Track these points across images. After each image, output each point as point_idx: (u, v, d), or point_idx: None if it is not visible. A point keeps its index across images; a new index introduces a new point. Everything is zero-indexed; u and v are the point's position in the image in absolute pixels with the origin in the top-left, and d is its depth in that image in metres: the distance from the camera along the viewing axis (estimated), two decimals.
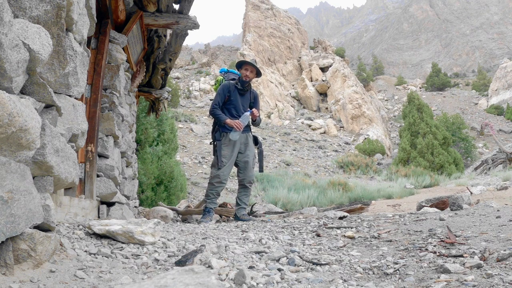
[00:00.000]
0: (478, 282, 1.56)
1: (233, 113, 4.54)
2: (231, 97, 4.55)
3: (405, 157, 19.49)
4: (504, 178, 11.61)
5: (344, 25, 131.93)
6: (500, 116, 37.34)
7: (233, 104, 4.56)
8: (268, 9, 40.79)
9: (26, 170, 1.46)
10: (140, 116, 7.43)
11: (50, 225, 1.67)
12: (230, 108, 4.56)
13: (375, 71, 58.52)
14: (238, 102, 4.58)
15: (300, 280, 1.77)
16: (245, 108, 4.64)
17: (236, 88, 4.56)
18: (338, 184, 13.04)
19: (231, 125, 4.39)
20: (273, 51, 37.09)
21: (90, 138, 3.21)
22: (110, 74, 3.75)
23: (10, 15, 1.33)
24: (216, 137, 4.50)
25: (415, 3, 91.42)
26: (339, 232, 3.00)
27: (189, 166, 14.93)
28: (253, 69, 4.56)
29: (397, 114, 37.44)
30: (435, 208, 4.40)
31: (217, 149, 4.42)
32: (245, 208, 4.57)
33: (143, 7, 4.45)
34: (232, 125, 4.38)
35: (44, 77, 1.69)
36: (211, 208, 4.49)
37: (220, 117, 4.42)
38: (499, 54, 69.90)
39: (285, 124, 29.20)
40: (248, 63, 4.58)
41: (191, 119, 23.25)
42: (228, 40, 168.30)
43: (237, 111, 4.57)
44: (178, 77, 42.22)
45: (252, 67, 4.55)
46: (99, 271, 1.64)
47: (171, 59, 6.25)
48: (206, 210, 4.49)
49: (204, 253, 1.99)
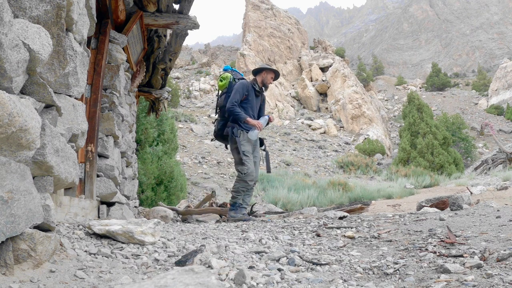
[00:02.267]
0: (478, 282, 1.56)
1: (249, 113, 4.54)
2: (249, 96, 4.58)
3: (405, 157, 19.49)
4: (504, 178, 11.60)
5: (344, 25, 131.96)
6: (500, 116, 37.33)
7: (250, 103, 4.58)
8: (268, 9, 40.78)
9: (26, 170, 1.46)
10: (140, 116, 7.43)
11: (50, 225, 1.67)
12: (246, 107, 4.55)
13: (375, 71, 58.51)
14: (254, 102, 4.64)
15: (300, 280, 1.77)
16: (257, 109, 4.72)
17: (254, 89, 4.64)
18: (338, 184, 13.03)
19: (253, 124, 4.39)
20: (273, 51, 37.08)
21: (90, 138, 3.21)
22: (110, 74, 3.75)
23: (10, 15, 1.33)
24: (234, 133, 4.42)
25: (415, 3, 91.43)
26: (339, 232, 3.00)
27: (189, 166, 14.94)
28: (274, 75, 4.73)
29: (397, 114, 37.44)
30: (435, 208, 4.40)
31: (238, 145, 4.36)
32: (245, 208, 4.58)
33: (143, 7, 4.45)
34: (254, 124, 4.39)
35: (44, 77, 1.69)
36: (240, 203, 4.47)
37: (240, 115, 4.40)
38: (499, 54, 69.90)
39: (285, 124, 29.19)
40: (272, 69, 4.73)
41: (191, 119, 23.25)
42: (228, 40, 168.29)
43: (253, 111, 4.61)
44: (178, 77, 42.22)
45: (273, 73, 4.72)
46: (99, 271, 1.64)
47: (171, 59, 6.25)
48: (237, 205, 4.43)
49: (204, 253, 1.99)
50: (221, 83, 4.78)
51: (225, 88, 4.71)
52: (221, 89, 4.78)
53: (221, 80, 4.79)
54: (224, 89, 4.73)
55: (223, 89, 4.75)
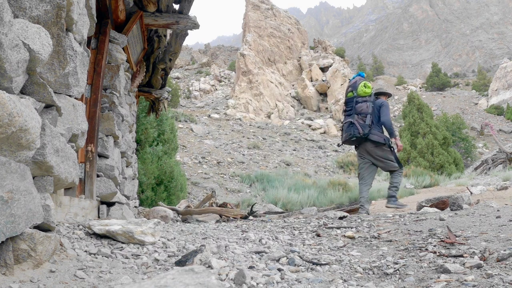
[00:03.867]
0: (478, 282, 1.56)
1: (383, 130, 5.16)
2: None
3: (405, 157, 19.47)
4: (504, 178, 11.60)
5: (344, 25, 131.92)
6: (500, 116, 37.32)
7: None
8: (268, 9, 40.78)
9: (26, 170, 1.46)
10: (140, 116, 7.43)
11: (50, 225, 1.67)
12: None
13: (375, 71, 58.48)
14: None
15: (300, 280, 1.77)
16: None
17: None
18: (338, 184, 13.03)
19: (399, 145, 5.22)
20: (273, 51, 37.08)
21: (90, 138, 3.21)
22: (110, 74, 3.75)
23: (10, 15, 1.33)
24: (386, 142, 4.95)
25: (415, 3, 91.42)
26: (339, 232, 3.00)
27: (189, 166, 14.93)
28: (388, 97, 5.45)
29: (397, 114, 37.43)
30: (435, 208, 4.40)
31: (391, 150, 5.01)
32: (396, 188, 5.10)
33: (143, 7, 4.45)
34: (400, 146, 5.27)
35: (44, 77, 1.69)
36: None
37: (394, 132, 5.06)
38: (499, 54, 69.89)
39: (285, 124, 29.20)
40: (390, 94, 5.49)
41: (191, 119, 23.25)
42: (228, 40, 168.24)
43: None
44: (178, 77, 42.24)
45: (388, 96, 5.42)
46: (99, 271, 1.64)
47: (171, 59, 6.25)
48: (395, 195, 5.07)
49: (204, 253, 1.99)
50: (367, 90, 5.02)
51: (368, 96, 5.02)
52: (364, 95, 5.01)
53: (366, 87, 5.03)
54: (366, 96, 5.02)
55: (365, 95, 5.01)
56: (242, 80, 32.54)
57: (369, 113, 4.88)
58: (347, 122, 5.01)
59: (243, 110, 30.40)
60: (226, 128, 24.23)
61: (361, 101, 4.96)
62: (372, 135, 4.88)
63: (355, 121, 4.92)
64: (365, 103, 4.93)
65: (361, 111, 4.92)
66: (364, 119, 4.90)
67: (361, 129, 4.87)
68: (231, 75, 43.05)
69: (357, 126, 4.89)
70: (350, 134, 4.93)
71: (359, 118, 4.93)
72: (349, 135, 4.95)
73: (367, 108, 4.91)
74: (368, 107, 4.91)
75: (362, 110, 4.93)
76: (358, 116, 4.93)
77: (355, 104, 4.96)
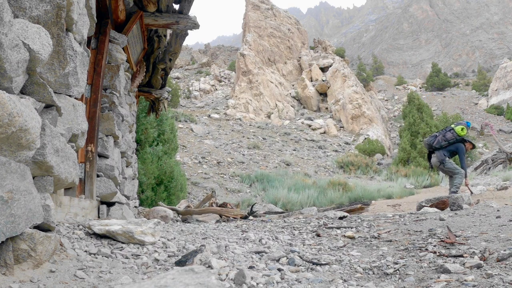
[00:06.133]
0: (478, 282, 1.56)
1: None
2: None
3: (405, 157, 19.49)
4: (504, 178, 11.60)
5: (344, 25, 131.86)
6: (500, 116, 37.31)
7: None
8: (268, 9, 40.77)
9: (26, 170, 1.46)
10: (140, 116, 7.43)
11: (50, 225, 1.67)
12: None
13: (375, 71, 58.48)
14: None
15: (300, 280, 1.77)
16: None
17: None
18: (338, 184, 13.03)
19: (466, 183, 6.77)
20: (273, 51, 37.07)
21: (90, 138, 3.20)
22: (110, 74, 3.75)
23: (10, 15, 1.33)
24: (447, 156, 6.54)
25: (415, 3, 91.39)
26: (339, 232, 3.00)
27: (189, 166, 14.93)
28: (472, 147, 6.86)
29: (397, 114, 37.45)
30: (435, 208, 4.40)
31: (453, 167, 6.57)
32: (457, 187, 6.35)
33: (143, 7, 4.44)
34: (467, 183, 6.80)
35: (44, 77, 1.69)
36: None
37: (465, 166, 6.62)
38: (499, 54, 69.87)
39: (285, 124, 29.19)
40: (475, 144, 7.02)
41: (191, 119, 23.24)
42: (228, 40, 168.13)
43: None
44: (178, 77, 42.24)
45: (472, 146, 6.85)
46: (99, 271, 1.64)
47: (171, 59, 6.24)
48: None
49: (204, 253, 1.99)
50: (462, 132, 6.53)
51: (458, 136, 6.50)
52: (460, 135, 6.51)
53: (463, 130, 6.53)
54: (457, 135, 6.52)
55: (457, 134, 6.53)
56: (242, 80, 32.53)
57: (449, 140, 6.48)
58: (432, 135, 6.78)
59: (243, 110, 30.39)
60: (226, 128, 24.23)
61: (451, 133, 6.55)
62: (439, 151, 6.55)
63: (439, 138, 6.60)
64: (453, 135, 6.50)
65: (447, 137, 6.53)
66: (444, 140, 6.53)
67: (441, 154, 6.52)
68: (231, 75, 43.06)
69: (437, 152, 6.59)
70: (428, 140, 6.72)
71: (442, 139, 6.57)
72: (428, 141, 6.73)
73: (451, 137, 6.51)
74: (452, 138, 6.51)
75: (447, 137, 6.53)
76: (442, 137, 6.58)
77: (447, 130, 6.60)
